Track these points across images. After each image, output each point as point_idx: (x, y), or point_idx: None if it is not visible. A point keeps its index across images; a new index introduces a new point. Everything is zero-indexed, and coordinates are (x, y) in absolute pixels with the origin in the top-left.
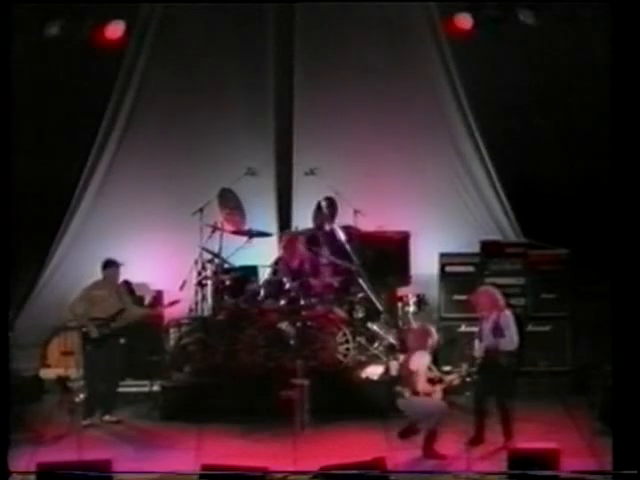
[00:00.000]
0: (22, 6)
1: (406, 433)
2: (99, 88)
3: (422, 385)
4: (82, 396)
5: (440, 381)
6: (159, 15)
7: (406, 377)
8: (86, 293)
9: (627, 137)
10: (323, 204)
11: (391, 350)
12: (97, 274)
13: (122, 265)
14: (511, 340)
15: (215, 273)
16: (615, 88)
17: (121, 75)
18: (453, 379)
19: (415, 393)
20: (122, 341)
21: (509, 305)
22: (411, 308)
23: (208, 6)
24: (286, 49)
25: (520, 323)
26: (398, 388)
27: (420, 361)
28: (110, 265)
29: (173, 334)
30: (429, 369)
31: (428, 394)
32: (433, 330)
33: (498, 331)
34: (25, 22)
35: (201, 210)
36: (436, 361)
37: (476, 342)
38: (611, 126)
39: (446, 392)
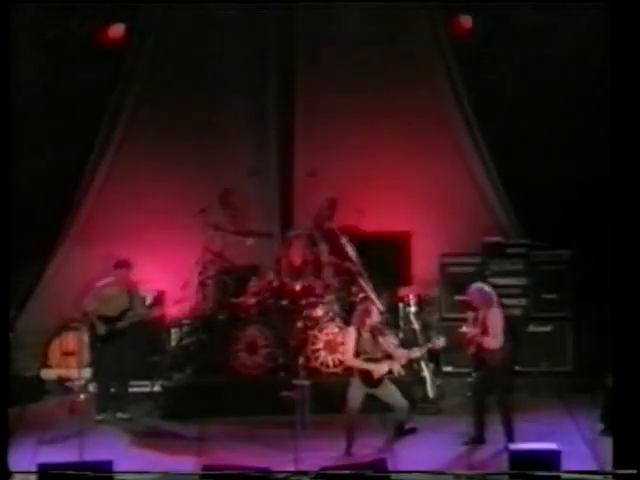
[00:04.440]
0: (23, 6)
1: (398, 432)
2: (101, 88)
3: (348, 358)
4: (83, 396)
5: (389, 357)
6: (160, 15)
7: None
8: (98, 291)
9: (627, 137)
10: (324, 204)
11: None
12: (98, 274)
13: (134, 266)
14: (494, 338)
15: (217, 273)
16: (615, 88)
17: (123, 75)
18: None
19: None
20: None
21: (502, 305)
22: (412, 308)
23: (209, 6)
24: (287, 49)
25: (513, 324)
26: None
27: (346, 336)
28: (121, 265)
29: (174, 334)
30: (376, 347)
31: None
32: (374, 309)
33: (484, 328)
34: (26, 22)
35: (203, 210)
36: (437, 360)
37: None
38: (611, 126)
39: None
